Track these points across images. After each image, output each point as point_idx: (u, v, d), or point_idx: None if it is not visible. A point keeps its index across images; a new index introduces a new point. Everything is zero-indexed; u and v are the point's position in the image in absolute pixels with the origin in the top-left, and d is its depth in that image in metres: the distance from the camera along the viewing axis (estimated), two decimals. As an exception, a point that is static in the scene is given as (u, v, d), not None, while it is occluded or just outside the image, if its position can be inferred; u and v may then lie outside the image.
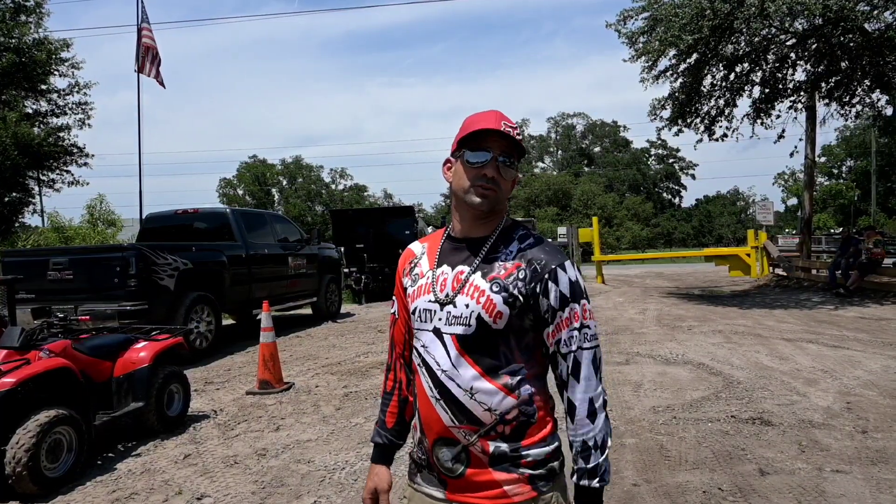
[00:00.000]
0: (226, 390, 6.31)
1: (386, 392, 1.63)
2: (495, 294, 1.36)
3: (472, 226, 1.45)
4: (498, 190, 1.40)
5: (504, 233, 1.45)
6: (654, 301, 13.08)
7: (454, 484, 1.40)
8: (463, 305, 1.38)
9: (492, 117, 1.40)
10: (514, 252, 1.42)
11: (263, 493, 3.66)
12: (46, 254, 8.42)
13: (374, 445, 1.62)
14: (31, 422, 3.63)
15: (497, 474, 1.37)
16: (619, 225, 57.40)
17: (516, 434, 1.38)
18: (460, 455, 1.39)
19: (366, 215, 18.77)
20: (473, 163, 1.39)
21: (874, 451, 3.92)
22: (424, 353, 1.43)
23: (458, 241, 1.47)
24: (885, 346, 7.23)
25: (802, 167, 17.66)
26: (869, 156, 40.38)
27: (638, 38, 13.03)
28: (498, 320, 1.36)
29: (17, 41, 18.41)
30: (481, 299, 1.37)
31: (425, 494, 1.46)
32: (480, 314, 1.36)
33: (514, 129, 1.40)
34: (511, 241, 1.44)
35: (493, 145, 1.39)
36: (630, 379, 6.02)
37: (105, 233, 20.80)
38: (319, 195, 67.48)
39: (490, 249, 1.42)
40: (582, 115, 74.10)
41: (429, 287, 1.44)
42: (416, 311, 1.46)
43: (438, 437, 1.40)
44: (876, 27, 11.96)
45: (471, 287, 1.39)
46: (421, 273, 1.49)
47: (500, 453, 1.37)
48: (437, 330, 1.41)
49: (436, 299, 1.42)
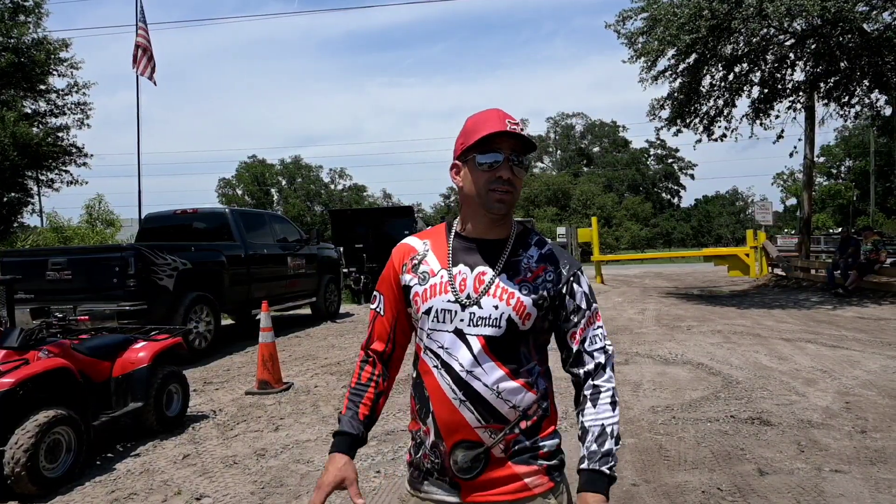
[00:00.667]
0: (225, 390, 6.31)
1: (360, 383, 1.55)
2: (525, 296, 1.39)
3: (487, 228, 1.46)
4: (514, 191, 1.41)
5: (520, 236, 1.48)
6: (654, 301, 13.09)
7: (469, 485, 1.40)
8: (491, 307, 1.38)
9: (495, 117, 1.39)
10: (536, 256, 1.45)
11: (262, 493, 3.65)
12: (45, 254, 8.42)
13: (341, 434, 1.49)
14: (30, 422, 3.62)
15: (517, 468, 1.39)
16: (619, 225, 57.46)
17: (535, 428, 1.42)
18: (479, 456, 1.38)
19: (365, 215, 18.76)
20: (488, 165, 1.39)
21: (873, 450, 3.93)
22: (445, 354, 1.40)
23: (470, 241, 1.46)
24: (883, 346, 7.24)
25: (801, 167, 17.66)
26: (868, 156, 40.44)
27: (637, 39, 13.05)
28: (527, 321, 1.39)
29: (15, 41, 18.40)
30: (511, 301, 1.38)
31: (435, 501, 1.44)
32: (511, 316, 1.38)
33: (517, 125, 1.40)
34: (528, 245, 1.47)
35: (504, 145, 1.38)
36: (629, 379, 6.02)
37: (104, 233, 20.80)
38: (318, 195, 67.48)
39: (510, 253, 1.44)
40: (581, 115, 74.25)
41: (445, 287, 1.42)
42: (432, 312, 1.42)
43: (461, 440, 1.39)
44: (874, 27, 11.99)
45: (497, 289, 1.39)
46: (431, 272, 1.45)
47: (521, 447, 1.40)
48: (458, 331, 1.39)
49: (456, 300, 1.40)
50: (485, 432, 1.38)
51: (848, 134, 48.76)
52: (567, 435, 4.36)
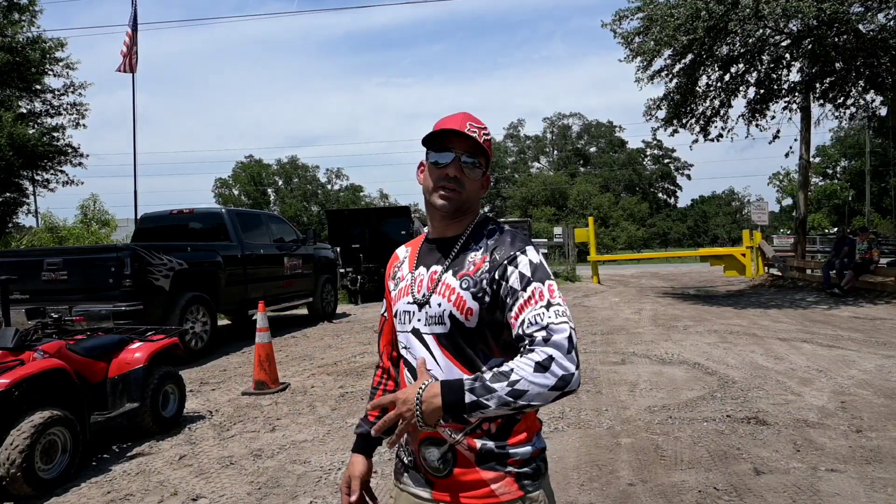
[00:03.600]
0: (221, 391, 6.30)
1: (373, 386, 1.69)
2: (464, 290, 1.37)
3: (443, 226, 1.47)
4: (462, 190, 1.41)
5: (475, 230, 1.46)
6: (650, 301, 13.11)
7: (441, 483, 1.40)
8: (436, 305, 1.39)
9: (458, 119, 1.42)
10: (483, 247, 1.42)
11: (259, 493, 3.65)
12: (41, 254, 8.39)
13: (358, 436, 1.62)
14: (26, 423, 3.61)
15: (484, 473, 1.36)
16: (615, 225, 57.57)
17: (502, 432, 1.37)
18: (447, 454, 1.38)
19: (362, 215, 18.75)
20: (437, 163, 1.41)
21: (868, 450, 3.94)
22: (406, 353, 1.46)
23: (432, 243, 1.50)
24: (879, 346, 7.27)
25: (797, 167, 17.72)
26: (863, 156, 40.58)
27: (633, 39, 13.07)
28: (469, 317, 1.35)
29: (10, 39, 18.34)
30: (451, 297, 1.38)
31: (411, 494, 1.46)
32: (452, 312, 1.37)
33: (482, 129, 1.41)
34: (481, 237, 1.45)
35: (457, 145, 1.40)
36: (626, 379, 6.03)
37: (98, 233, 20.75)
38: (315, 195, 67.43)
39: (461, 248, 1.44)
40: (578, 115, 74.34)
41: (408, 289, 1.47)
42: (398, 314, 1.49)
43: (425, 437, 1.40)
44: (870, 28, 12.03)
45: (443, 286, 1.40)
46: (402, 276, 1.52)
47: (487, 451, 1.36)
48: (416, 331, 1.43)
49: (414, 300, 1.44)
50: (444, 431, 1.37)
51: (843, 134, 48.94)
52: (563, 436, 4.37)
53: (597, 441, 4.24)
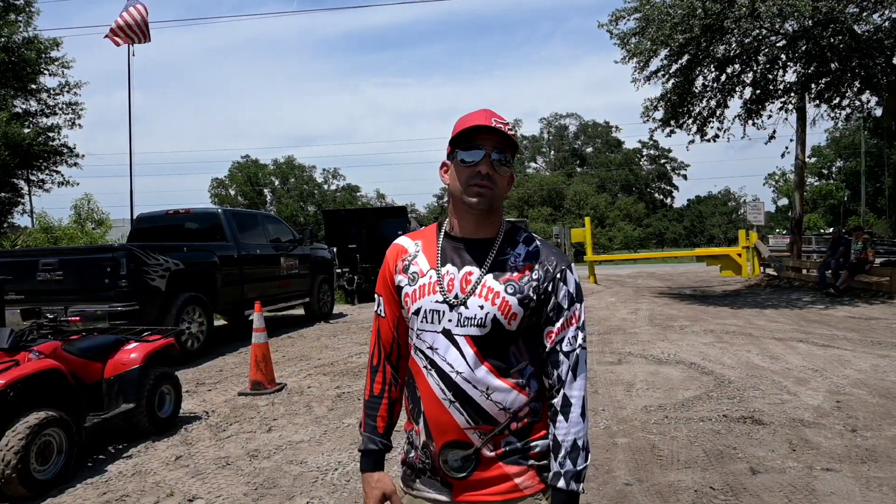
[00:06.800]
0: (217, 391, 6.29)
1: (373, 395, 1.57)
2: (510, 296, 1.38)
3: (475, 227, 1.44)
4: (494, 187, 1.40)
5: (508, 234, 1.46)
6: (646, 301, 13.13)
7: (461, 485, 1.40)
8: (477, 307, 1.38)
9: (482, 115, 1.40)
10: (524, 254, 1.44)
11: (255, 494, 3.64)
12: (36, 254, 8.36)
13: (366, 453, 1.54)
14: (21, 423, 3.59)
15: (508, 468, 1.39)
16: (612, 225, 57.62)
17: (526, 430, 1.41)
18: (470, 457, 1.39)
19: (358, 216, 18.74)
20: (467, 161, 1.39)
21: (864, 449, 3.96)
22: (433, 354, 1.41)
23: (458, 241, 1.46)
24: (874, 346, 7.29)
25: (793, 168, 17.78)
26: (858, 156, 40.72)
27: (629, 39, 13.09)
28: (512, 321, 1.38)
29: (6, 39, 18.26)
30: (496, 301, 1.37)
31: (427, 500, 1.45)
32: (496, 316, 1.37)
33: (506, 125, 1.40)
34: (517, 243, 1.45)
35: (486, 142, 1.39)
36: (622, 379, 6.04)
37: (93, 233, 20.68)
38: (312, 195, 67.34)
39: (498, 251, 1.43)
40: (574, 115, 74.45)
41: (433, 287, 1.42)
42: (421, 312, 1.43)
43: (450, 441, 1.39)
44: (865, 29, 12.07)
45: (483, 289, 1.39)
46: (420, 272, 1.45)
47: (512, 448, 1.39)
48: (447, 331, 1.40)
49: (444, 300, 1.40)
50: (474, 434, 1.38)
51: (839, 135, 49.12)
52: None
53: (593, 441, 4.25)
